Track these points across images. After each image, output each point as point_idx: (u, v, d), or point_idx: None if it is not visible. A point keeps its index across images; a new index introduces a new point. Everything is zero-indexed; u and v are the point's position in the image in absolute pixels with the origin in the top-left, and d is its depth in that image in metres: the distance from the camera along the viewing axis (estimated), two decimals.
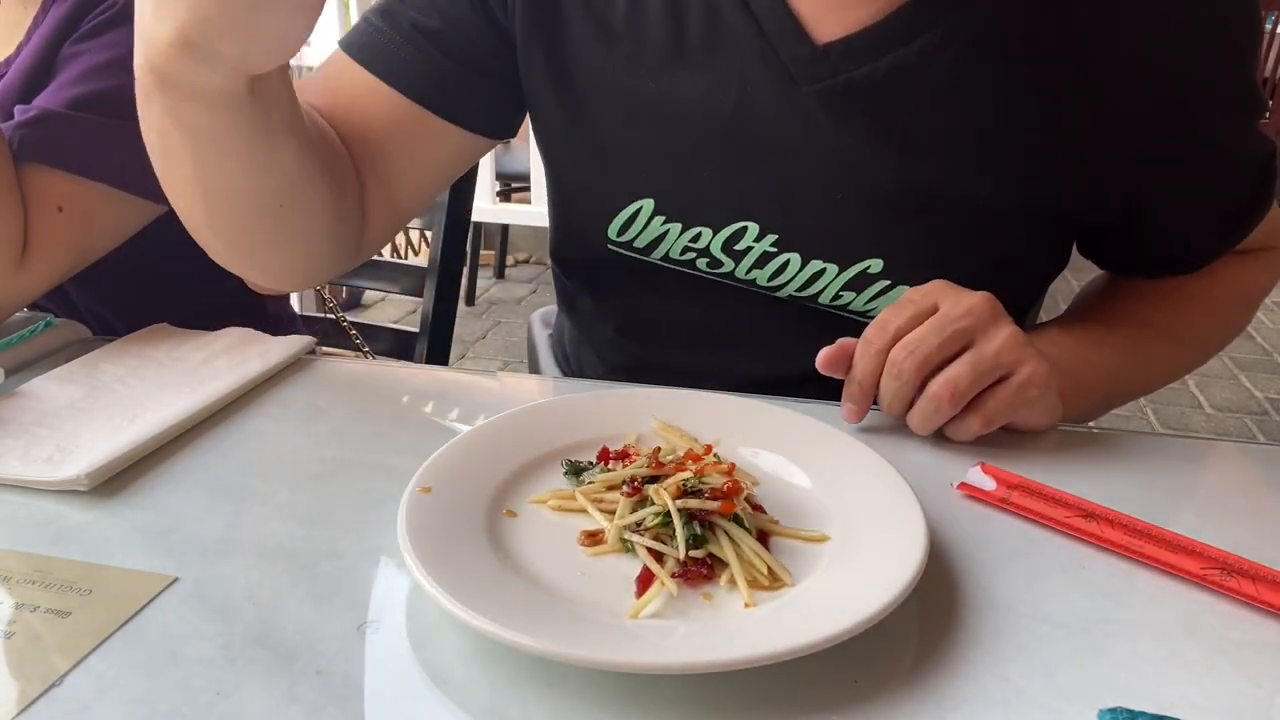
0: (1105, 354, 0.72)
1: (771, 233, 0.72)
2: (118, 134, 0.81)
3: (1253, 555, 0.51)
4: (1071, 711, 0.42)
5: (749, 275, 0.74)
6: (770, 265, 0.73)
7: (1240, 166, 0.73)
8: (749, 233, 0.73)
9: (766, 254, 0.73)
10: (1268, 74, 4.36)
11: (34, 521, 0.55)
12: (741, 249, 0.73)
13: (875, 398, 0.64)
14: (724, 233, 0.73)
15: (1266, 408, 2.80)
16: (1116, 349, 0.73)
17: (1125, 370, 0.74)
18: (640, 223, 0.74)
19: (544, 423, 0.61)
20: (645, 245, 0.76)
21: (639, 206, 0.74)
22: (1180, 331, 0.77)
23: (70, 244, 0.83)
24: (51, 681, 0.42)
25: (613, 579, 0.49)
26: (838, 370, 0.64)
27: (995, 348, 0.60)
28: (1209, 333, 0.81)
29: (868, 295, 0.73)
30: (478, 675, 0.43)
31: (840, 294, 0.73)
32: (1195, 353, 0.82)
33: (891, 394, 0.62)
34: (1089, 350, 0.71)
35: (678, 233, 0.74)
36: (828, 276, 0.73)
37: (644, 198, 0.74)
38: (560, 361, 1.00)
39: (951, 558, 0.52)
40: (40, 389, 0.69)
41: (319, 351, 0.80)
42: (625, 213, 0.75)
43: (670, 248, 0.75)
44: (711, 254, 0.74)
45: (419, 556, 0.46)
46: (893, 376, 0.61)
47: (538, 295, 3.68)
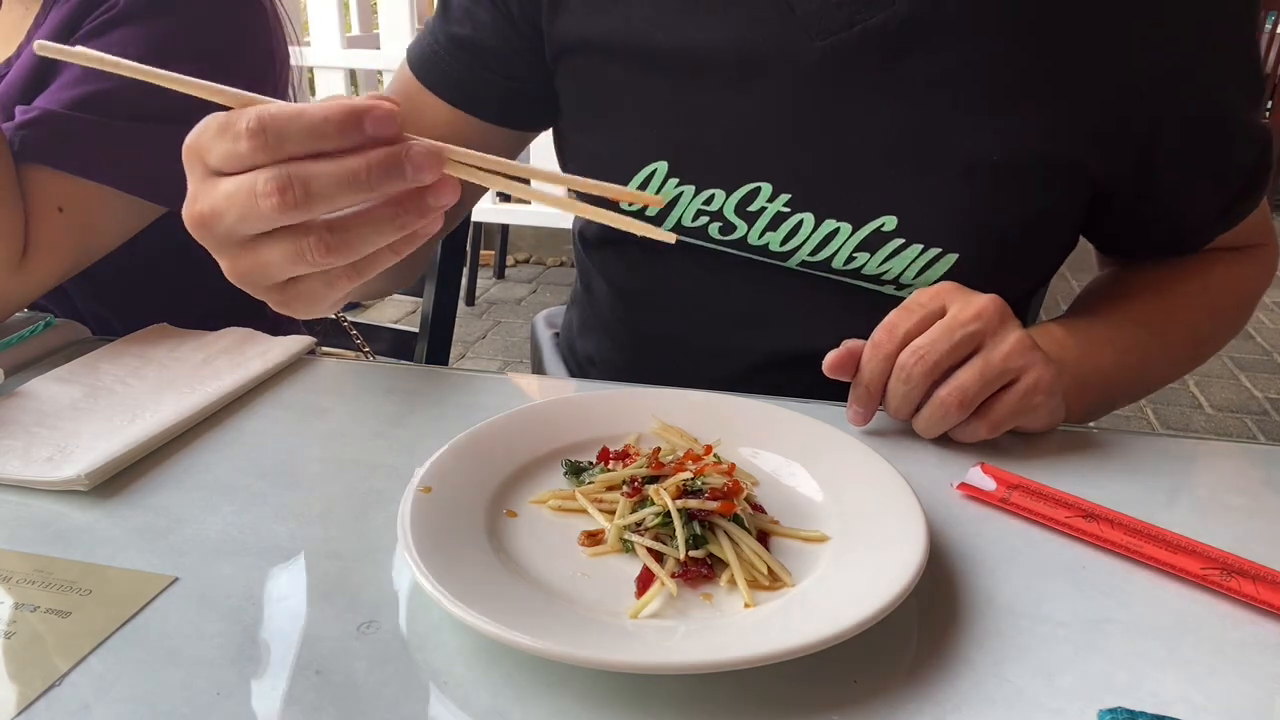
0: (1106, 353, 0.72)
1: (785, 192, 0.72)
2: (119, 134, 0.82)
3: (1253, 555, 0.51)
4: (1071, 711, 0.42)
5: (762, 240, 0.74)
6: (783, 227, 0.73)
7: (1242, 144, 0.73)
8: (762, 193, 0.73)
9: (780, 214, 0.73)
10: (1268, 72, 4.37)
11: (34, 521, 0.55)
12: (755, 210, 0.73)
13: (881, 401, 0.64)
14: (738, 194, 0.73)
15: (1266, 408, 2.80)
16: (1117, 348, 0.73)
17: (1126, 370, 0.74)
18: (653, 187, 0.75)
19: (544, 423, 0.61)
20: (658, 212, 0.76)
21: (653, 169, 0.74)
22: (1179, 331, 0.77)
23: (71, 245, 0.83)
24: (51, 681, 0.42)
25: (613, 579, 0.49)
26: (844, 373, 0.64)
27: (1004, 352, 0.60)
28: (1207, 332, 0.81)
29: (881, 255, 0.72)
30: (478, 675, 0.43)
31: (854, 255, 0.72)
32: (1194, 352, 0.82)
33: (899, 398, 0.62)
34: (1091, 349, 0.71)
35: (691, 195, 0.74)
36: (841, 236, 0.72)
37: (658, 160, 0.74)
38: (566, 355, 1.00)
39: (951, 558, 0.52)
40: (40, 389, 0.69)
41: (319, 351, 0.80)
42: (639, 177, 0.75)
43: (684, 213, 0.75)
44: (725, 217, 0.74)
45: (419, 556, 0.46)
46: (901, 381, 0.61)
47: (538, 295, 3.68)
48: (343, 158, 0.42)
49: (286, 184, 0.41)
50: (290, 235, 0.44)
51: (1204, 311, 0.79)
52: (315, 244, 0.43)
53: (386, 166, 0.42)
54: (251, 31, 0.90)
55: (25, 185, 0.80)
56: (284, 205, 0.42)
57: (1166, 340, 0.77)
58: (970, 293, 0.63)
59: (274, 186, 0.41)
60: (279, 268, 0.45)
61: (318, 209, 0.42)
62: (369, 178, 0.42)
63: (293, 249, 0.44)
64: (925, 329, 0.61)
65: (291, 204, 0.42)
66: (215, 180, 0.44)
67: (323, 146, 0.42)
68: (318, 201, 0.42)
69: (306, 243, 0.43)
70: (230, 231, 0.45)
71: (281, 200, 0.41)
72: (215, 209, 0.44)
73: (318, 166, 0.42)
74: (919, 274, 0.72)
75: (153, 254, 0.93)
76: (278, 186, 0.41)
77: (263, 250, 0.45)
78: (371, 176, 0.42)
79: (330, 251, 0.43)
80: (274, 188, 0.41)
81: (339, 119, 0.41)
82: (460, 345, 3.15)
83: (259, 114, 0.42)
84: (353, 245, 0.44)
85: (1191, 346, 0.81)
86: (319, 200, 0.42)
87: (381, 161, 0.42)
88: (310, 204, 0.42)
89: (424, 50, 0.80)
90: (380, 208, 0.43)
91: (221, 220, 0.44)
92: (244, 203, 0.43)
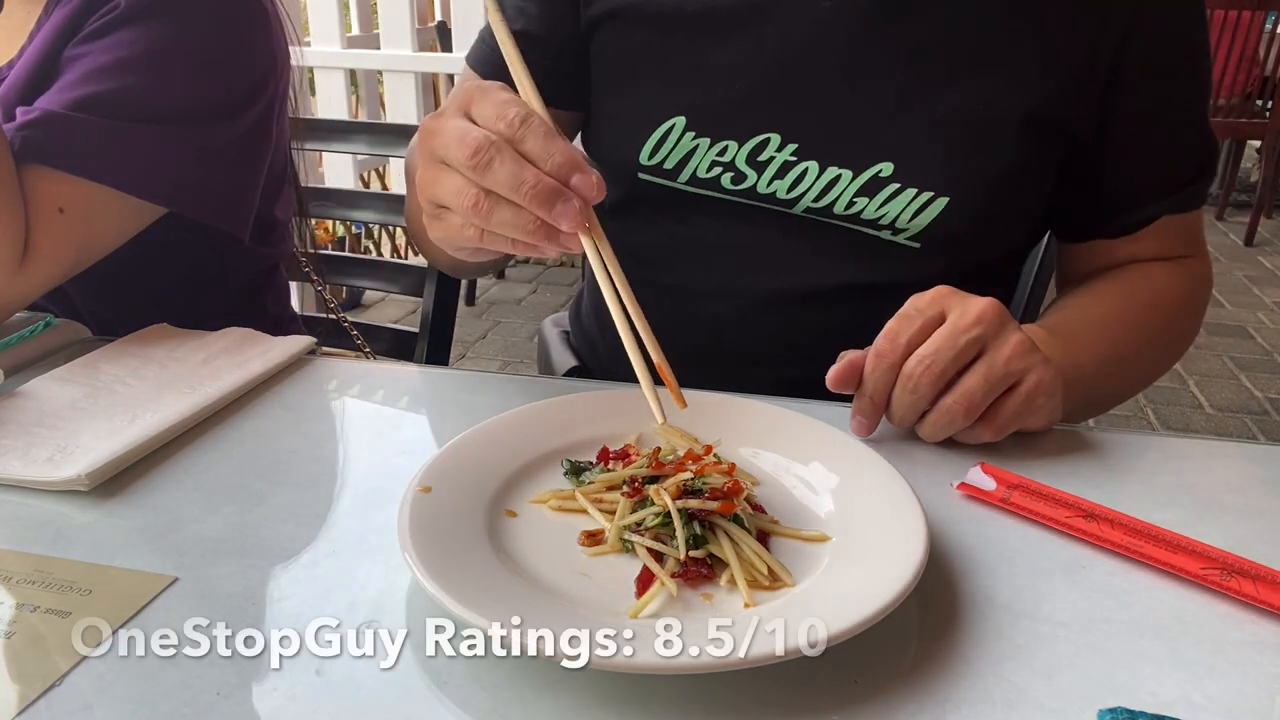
0: (1086, 354, 0.73)
1: (792, 142, 0.77)
2: (119, 136, 0.82)
3: (1253, 555, 0.51)
4: (1071, 711, 0.42)
5: (770, 188, 0.79)
6: (790, 175, 0.78)
7: (1193, 132, 0.81)
8: (771, 143, 0.78)
9: (787, 163, 0.78)
10: (1268, 73, 4.36)
11: (34, 521, 0.55)
12: (764, 159, 0.78)
13: (885, 410, 0.64)
14: (749, 145, 0.78)
15: (1266, 408, 2.80)
16: (1096, 350, 0.74)
17: (1107, 370, 0.75)
18: (671, 141, 0.79)
19: (544, 423, 0.61)
20: (674, 166, 0.80)
21: (671, 124, 0.79)
22: (1143, 334, 0.80)
23: (72, 245, 0.83)
24: (51, 681, 0.42)
25: (613, 579, 0.49)
26: (848, 387, 0.64)
27: (1006, 356, 0.61)
28: (1166, 339, 0.85)
29: (879, 200, 0.76)
30: (478, 675, 0.43)
31: (854, 200, 0.77)
32: (1160, 355, 0.85)
33: (906, 408, 0.62)
34: (1071, 350, 0.72)
35: (706, 148, 0.79)
36: (843, 183, 0.77)
37: (676, 115, 0.79)
38: (577, 343, 1.02)
39: (951, 558, 0.52)
40: (40, 389, 0.69)
41: (319, 351, 0.80)
42: (658, 133, 0.79)
43: (698, 165, 0.80)
44: (737, 167, 0.79)
45: (419, 556, 0.46)
46: (908, 391, 0.61)
47: (538, 295, 3.68)
48: (514, 191, 0.54)
49: (477, 202, 0.56)
50: (466, 184, 0.56)
51: (1162, 317, 0.82)
52: (472, 197, 0.55)
53: (543, 200, 0.54)
54: (252, 34, 0.90)
55: (26, 186, 0.80)
56: (473, 213, 0.56)
57: (1136, 342, 0.79)
58: (967, 296, 0.63)
59: (470, 203, 0.56)
60: (447, 199, 0.58)
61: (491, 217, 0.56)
62: (527, 206, 0.54)
63: (458, 190, 0.56)
64: (926, 336, 0.61)
65: (475, 215, 0.56)
66: (443, 170, 0.57)
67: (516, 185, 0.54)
68: (493, 212, 0.55)
69: (469, 193, 0.55)
70: (435, 197, 0.59)
71: (473, 208, 0.56)
72: (433, 190, 0.59)
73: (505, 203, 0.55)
74: (913, 217, 0.76)
75: (154, 255, 0.93)
76: (472, 204, 0.56)
77: (445, 179, 0.58)
78: (532, 210, 0.54)
79: (476, 209, 0.55)
80: (470, 204, 0.56)
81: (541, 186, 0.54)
82: (460, 345, 3.15)
83: (487, 142, 0.54)
84: (492, 217, 0.55)
85: (1159, 348, 0.84)
86: (494, 210, 0.55)
87: (541, 203, 0.54)
88: (488, 217, 0.56)
89: (483, 51, 0.87)
90: (523, 211, 0.55)
91: (437, 194, 0.58)
92: (451, 199, 0.57)
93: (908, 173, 0.76)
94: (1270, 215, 4.57)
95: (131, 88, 0.82)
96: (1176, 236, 0.83)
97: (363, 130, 1.30)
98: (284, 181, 1.04)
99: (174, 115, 0.84)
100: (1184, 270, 0.84)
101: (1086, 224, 0.85)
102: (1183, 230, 0.83)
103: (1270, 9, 3.98)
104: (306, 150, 1.21)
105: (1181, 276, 0.84)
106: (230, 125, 0.88)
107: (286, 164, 1.04)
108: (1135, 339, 0.79)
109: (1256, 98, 4.40)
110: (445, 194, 0.57)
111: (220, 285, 1.03)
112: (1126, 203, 0.82)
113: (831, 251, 0.79)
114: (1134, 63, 0.76)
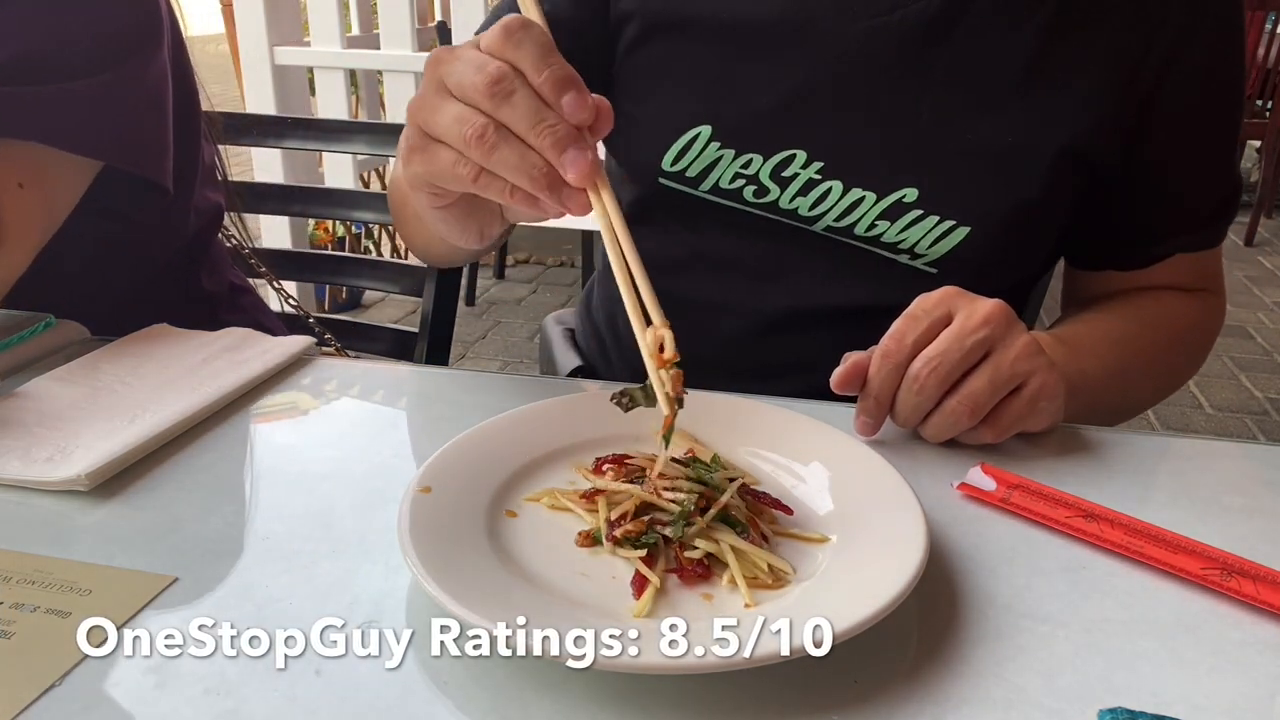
0: (1091, 362, 0.73)
1: (818, 160, 0.77)
2: (49, 97, 0.77)
3: (1253, 555, 0.51)
4: (1071, 711, 0.42)
5: (792, 204, 0.78)
6: (813, 193, 0.77)
7: (1219, 170, 0.81)
8: (797, 159, 0.77)
9: (811, 181, 0.77)
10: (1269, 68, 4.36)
11: (34, 521, 0.55)
12: (789, 175, 0.77)
13: (890, 410, 0.64)
14: (774, 159, 0.77)
15: (1266, 408, 2.80)
16: (1101, 361, 0.74)
17: (1109, 381, 0.75)
18: (695, 149, 0.78)
19: (544, 423, 0.61)
20: (697, 174, 0.79)
21: (697, 133, 0.78)
22: (1149, 354, 0.80)
23: (38, 220, 0.78)
24: (51, 681, 0.42)
25: (613, 579, 0.49)
26: (853, 388, 0.63)
27: (1011, 358, 0.61)
28: (1170, 362, 0.84)
29: (901, 225, 0.76)
30: (478, 675, 0.43)
31: (875, 223, 0.76)
32: (1164, 382, 0.86)
33: (910, 408, 0.62)
34: (1075, 356, 0.72)
35: (730, 159, 0.78)
36: (865, 205, 0.76)
37: (703, 124, 0.78)
38: (582, 339, 1.01)
39: (951, 558, 0.52)
40: (40, 389, 0.69)
41: (319, 351, 0.80)
42: (683, 139, 0.78)
43: (721, 176, 0.79)
44: (760, 181, 0.78)
45: (419, 556, 0.46)
46: (914, 392, 0.61)
47: (538, 295, 3.68)
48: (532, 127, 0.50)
49: (484, 134, 0.50)
50: (473, 113, 0.51)
51: (1169, 340, 0.82)
52: (480, 127, 0.50)
53: (559, 141, 0.50)
54: None
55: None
56: (475, 145, 0.51)
57: (1141, 361, 0.79)
58: (974, 297, 0.63)
59: (475, 134, 0.50)
60: (444, 128, 0.52)
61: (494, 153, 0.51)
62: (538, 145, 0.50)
63: (461, 117, 0.51)
64: (933, 337, 0.61)
65: (478, 148, 0.51)
66: (447, 98, 0.52)
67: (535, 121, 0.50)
68: (497, 148, 0.51)
69: (476, 122, 0.50)
70: (430, 125, 0.53)
71: (478, 139, 0.50)
72: (431, 117, 0.53)
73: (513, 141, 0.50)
74: (934, 244, 0.76)
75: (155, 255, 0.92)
76: (478, 134, 0.50)
77: (448, 105, 0.52)
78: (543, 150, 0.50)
79: (481, 140, 0.50)
80: (475, 134, 0.50)
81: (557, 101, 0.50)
82: (460, 345, 3.15)
83: (512, 72, 0.50)
84: (495, 153, 0.50)
85: (1163, 370, 0.84)
86: (499, 146, 0.51)
87: (555, 143, 0.50)
88: (490, 153, 0.51)
89: None
90: (531, 152, 0.50)
91: (433, 121, 0.53)
92: (450, 128, 0.52)
93: (932, 200, 0.75)
94: (1270, 215, 4.57)
95: (49, 44, 0.77)
96: (1193, 271, 0.83)
97: (362, 130, 1.30)
98: (194, 135, 0.96)
99: (96, 64, 0.79)
100: (1197, 300, 0.84)
101: (1101, 254, 0.84)
102: (1199, 265, 0.83)
103: (1270, 9, 3.98)
104: (307, 150, 1.18)
105: (1194, 305, 0.83)
106: (141, 65, 0.83)
107: (193, 111, 0.96)
108: (1140, 358, 0.79)
109: (1256, 98, 4.40)
110: (445, 121, 0.52)
111: (222, 286, 1.02)
112: (1144, 237, 0.81)
113: (847, 271, 0.79)
114: (1169, 99, 0.75)
